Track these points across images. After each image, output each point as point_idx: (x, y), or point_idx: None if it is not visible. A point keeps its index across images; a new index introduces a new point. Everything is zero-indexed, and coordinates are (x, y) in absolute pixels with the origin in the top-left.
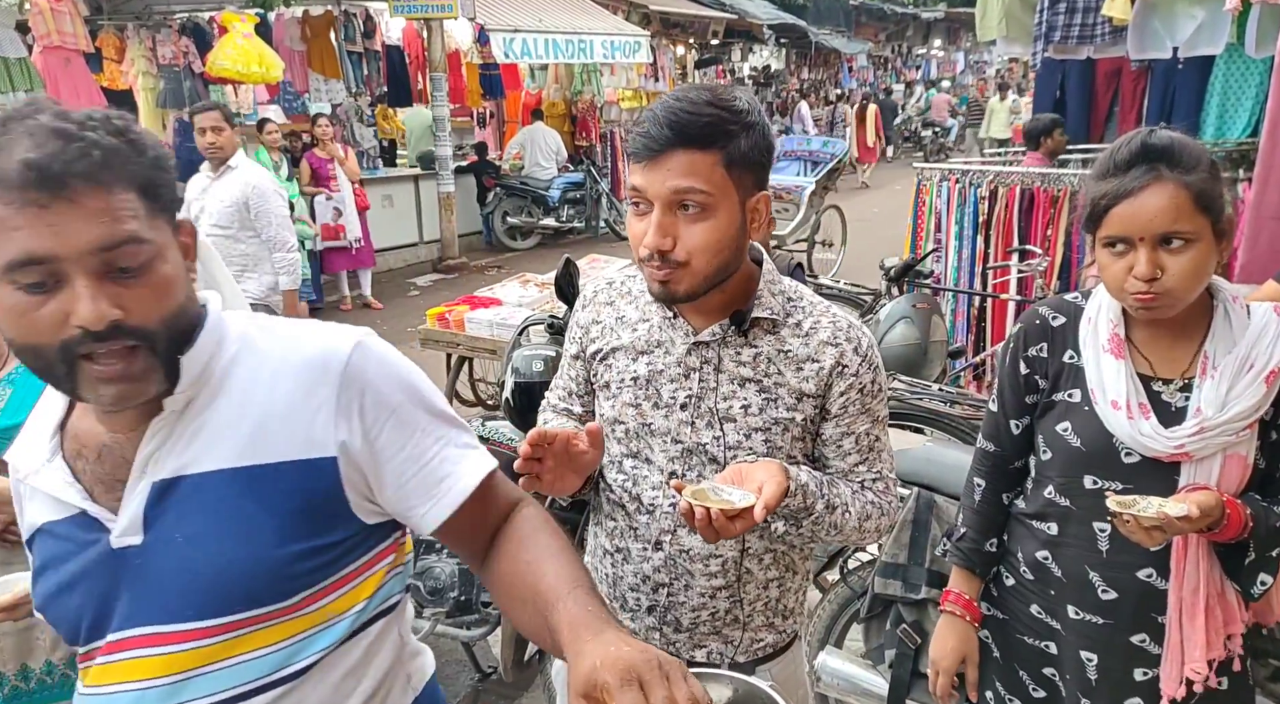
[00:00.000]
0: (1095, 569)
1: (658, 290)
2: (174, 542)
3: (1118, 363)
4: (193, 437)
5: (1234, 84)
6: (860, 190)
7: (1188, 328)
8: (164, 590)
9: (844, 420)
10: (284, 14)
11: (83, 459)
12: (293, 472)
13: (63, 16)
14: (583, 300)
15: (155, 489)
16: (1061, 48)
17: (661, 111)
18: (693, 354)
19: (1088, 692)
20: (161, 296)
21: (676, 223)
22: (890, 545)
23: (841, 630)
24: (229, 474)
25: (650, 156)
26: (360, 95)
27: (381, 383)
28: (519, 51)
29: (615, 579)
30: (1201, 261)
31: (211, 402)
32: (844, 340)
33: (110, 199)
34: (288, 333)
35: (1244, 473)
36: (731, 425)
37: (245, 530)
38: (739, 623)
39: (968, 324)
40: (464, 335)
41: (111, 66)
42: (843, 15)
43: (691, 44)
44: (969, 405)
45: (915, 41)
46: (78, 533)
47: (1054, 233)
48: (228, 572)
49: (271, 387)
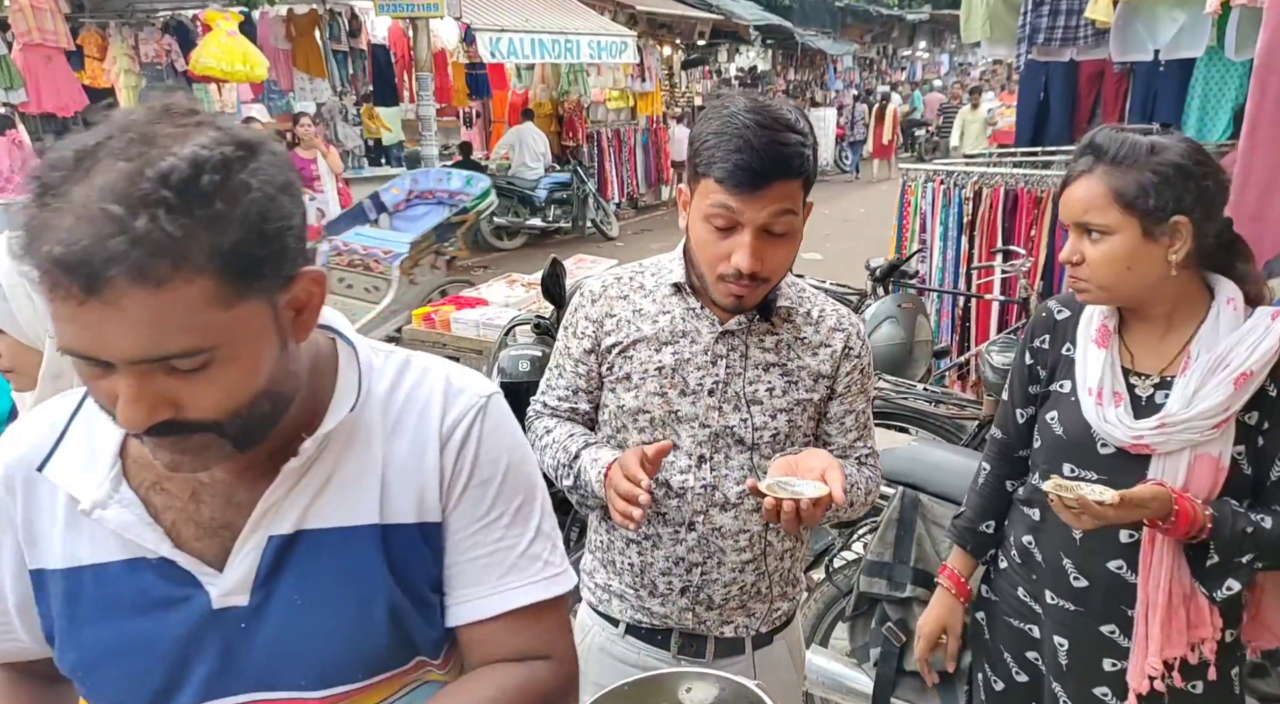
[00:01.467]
0: (1069, 556)
1: (731, 303)
2: (293, 605)
3: (1099, 352)
4: (320, 490)
5: (1214, 86)
6: (851, 190)
7: (1177, 325)
8: (275, 657)
9: (847, 399)
10: (268, 12)
11: (165, 494)
12: (416, 534)
13: (43, 13)
14: (590, 296)
15: (274, 545)
16: (1045, 50)
17: (758, 141)
18: (720, 342)
19: (1060, 676)
20: (230, 390)
21: (765, 246)
22: (875, 544)
23: (827, 629)
24: (360, 532)
25: (753, 189)
26: (345, 94)
27: (484, 452)
28: (505, 51)
29: (644, 567)
30: (1116, 255)
31: (343, 451)
32: (848, 325)
33: (158, 299)
34: (416, 374)
35: (1216, 474)
36: (758, 407)
37: (374, 594)
38: (761, 596)
39: (952, 324)
40: (450, 335)
41: (93, 64)
42: (828, 16)
43: (678, 44)
44: (954, 405)
45: (901, 43)
46: (155, 583)
47: (1038, 234)
48: (354, 639)
49: (396, 438)
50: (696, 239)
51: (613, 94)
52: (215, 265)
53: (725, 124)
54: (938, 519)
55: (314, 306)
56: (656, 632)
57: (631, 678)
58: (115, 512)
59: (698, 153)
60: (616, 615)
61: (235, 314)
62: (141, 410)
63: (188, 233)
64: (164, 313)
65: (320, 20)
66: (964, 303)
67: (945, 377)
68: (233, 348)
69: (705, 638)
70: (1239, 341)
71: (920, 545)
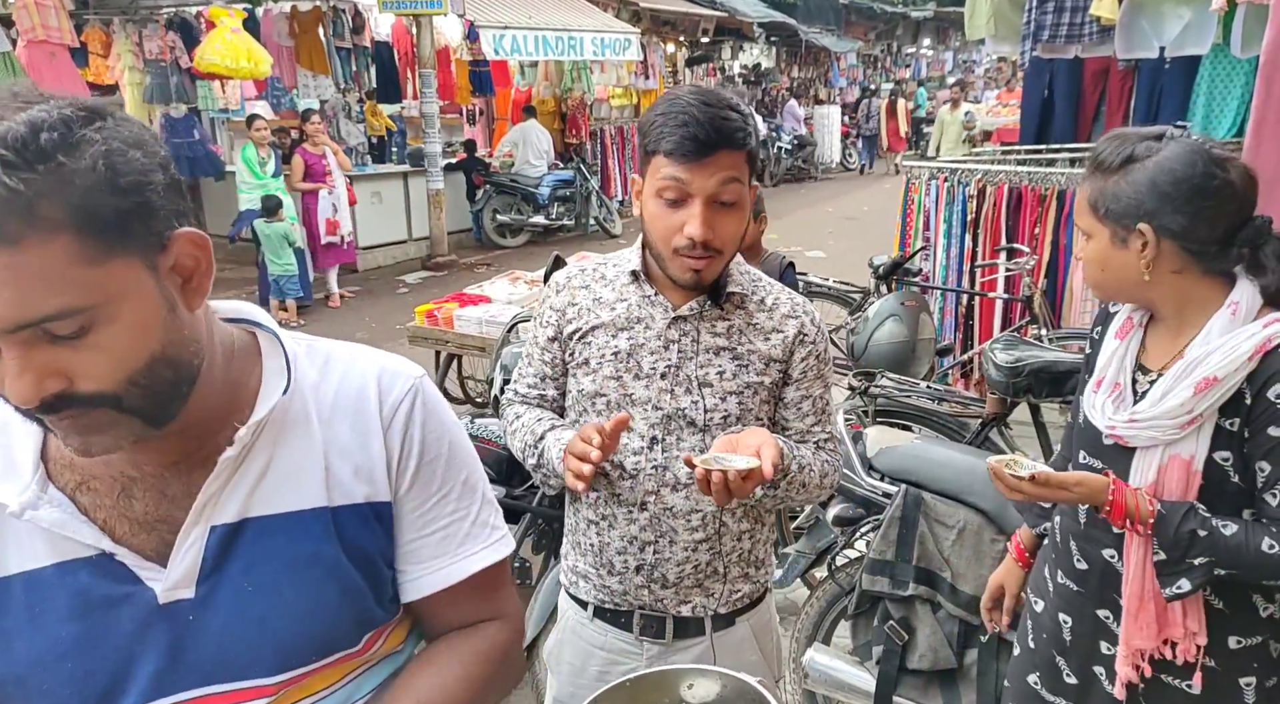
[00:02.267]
0: (1075, 539)
1: (690, 279)
2: (243, 592)
3: (1115, 342)
4: (260, 477)
5: (1220, 84)
6: (856, 188)
7: (1186, 327)
8: (226, 647)
9: (804, 384)
10: (272, 9)
11: (92, 494)
12: (368, 512)
13: (47, 10)
14: (555, 286)
15: (217, 535)
16: (1050, 47)
17: (702, 115)
18: (673, 327)
19: (1063, 651)
20: (121, 355)
21: (715, 216)
22: (878, 542)
23: (829, 627)
24: (306, 516)
25: (698, 156)
26: (349, 91)
27: (428, 432)
28: (509, 48)
29: (601, 546)
30: (1094, 257)
31: (278, 438)
32: (802, 313)
33: (20, 260)
34: (343, 363)
35: (1189, 477)
36: (709, 390)
37: (325, 576)
38: (719, 575)
39: (956, 322)
40: (453, 332)
41: (97, 61)
42: (832, 14)
43: (682, 42)
44: (957, 403)
45: (905, 40)
46: (93, 582)
47: (1042, 231)
48: (306, 622)
49: (333, 424)
50: (650, 216)
51: (616, 91)
52: (72, 221)
53: (671, 106)
54: (940, 517)
55: (202, 271)
56: (620, 613)
57: (633, 674)
58: (47, 511)
59: (646, 134)
60: (585, 597)
61: (107, 272)
62: (29, 382)
63: (34, 189)
64: (26, 273)
65: (324, 17)
66: (967, 301)
67: (949, 374)
68: (111, 308)
69: (664, 618)
70: (1218, 347)
71: (923, 544)
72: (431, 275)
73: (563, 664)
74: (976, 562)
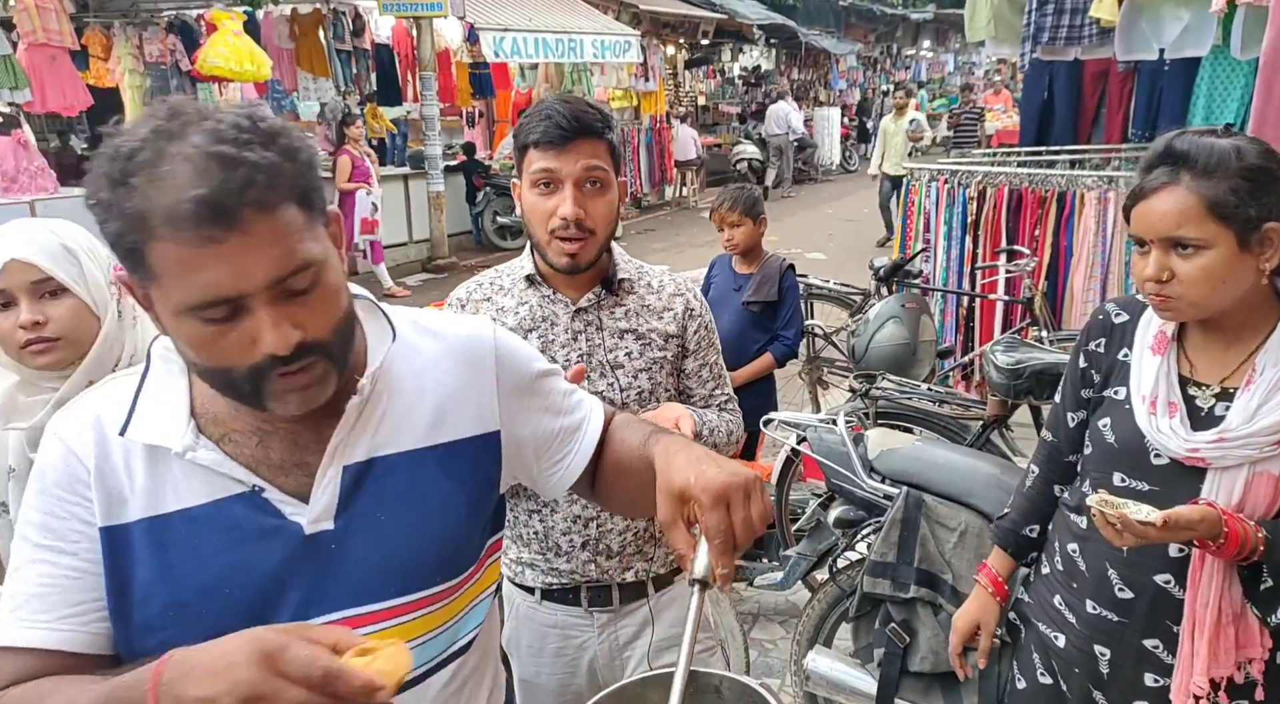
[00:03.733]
0: (1114, 567)
1: (566, 263)
2: (376, 521)
3: (1155, 359)
4: (379, 422)
5: (1220, 85)
6: (856, 190)
7: (1244, 335)
8: (363, 572)
9: (700, 354)
10: (272, 12)
11: (234, 444)
12: (472, 447)
13: (48, 13)
14: (458, 303)
15: (349, 474)
16: (1049, 49)
17: (561, 108)
18: (576, 319)
19: (1100, 684)
20: (333, 307)
21: (585, 197)
22: (879, 544)
23: (830, 630)
24: (421, 453)
25: (562, 143)
26: (349, 94)
27: (518, 361)
28: (509, 50)
29: (545, 531)
30: (1212, 269)
31: (390, 387)
32: (686, 290)
33: (278, 223)
34: (430, 321)
35: (1275, 492)
36: (621, 371)
37: (442, 505)
38: (654, 539)
39: (956, 324)
40: None
41: (98, 64)
42: (832, 16)
43: (682, 44)
44: (958, 405)
45: (905, 43)
46: (247, 516)
47: (1042, 233)
48: (427, 545)
49: (439, 370)
50: (528, 208)
51: (616, 93)
52: (295, 193)
53: (536, 109)
54: (942, 519)
55: (340, 242)
56: (567, 591)
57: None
58: (204, 453)
59: (518, 136)
60: (531, 583)
61: (316, 235)
62: (286, 330)
63: (279, 169)
64: (284, 234)
65: (324, 20)
66: (968, 303)
67: (949, 377)
68: (326, 265)
69: (609, 587)
70: None
71: (924, 546)
72: (432, 277)
73: (521, 647)
74: (978, 564)
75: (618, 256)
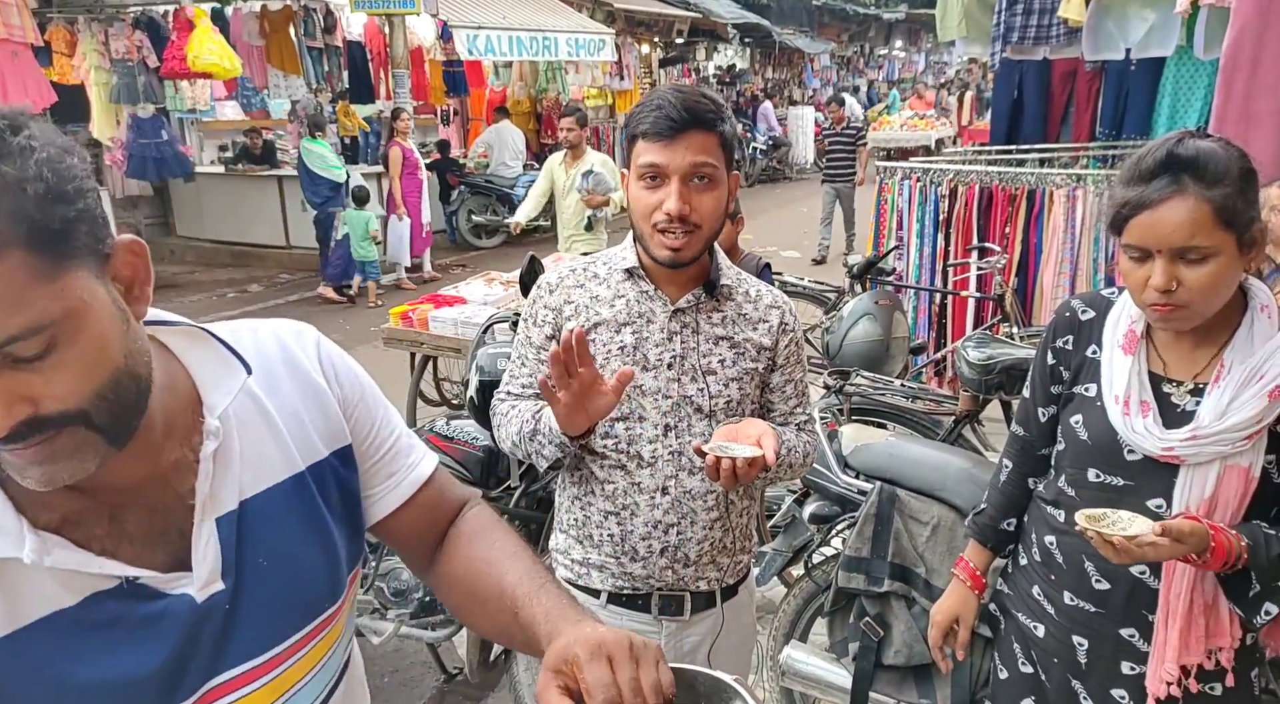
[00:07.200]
0: (1091, 559)
1: (667, 256)
2: (259, 568)
3: (1127, 358)
4: (239, 460)
5: (1184, 85)
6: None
7: (1212, 332)
8: (264, 620)
9: (787, 369)
10: (241, 8)
11: (81, 527)
12: (332, 465)
13: (9, 8)
14: (548, 287)
15: (224, 526)
16: (1019, 48)
17: (674, 98)
18: (674, 320)
19: (1078, 674)
20: (89, 368)
21: (691, 192)
22: (854, 539)
23: (806, 625)
24: (288, 483)
25: (671, 136)
26: (321, 91)
27: (345, 370)
28: (483, 48)
29: (624, 535)
30: (1221, 275)
31: (239, 420)
32: (782, 303)
33: None
34: (249, 336)
35: (1246, 486)
36: (713, 377)
37: (320, 531)
38: (727, 550)
39: (929, 320)
40: (428, 334)
41: (62, 60)
42: (806, 15)
43: (656, 42)
44: (930, 400)
45: (877, 42)
46: (122, 611)
47: (1012, 230)
48: (316, 575)
49: (277, 391)
50: (634, 200)
51: (591, 92)
52: (22, 233)
53: (649, 97)
54: (915, 514)
55: (142, 279)
56: (637, 596)
57: None
58: (60, 553)
59: (628, 125)
60: (597, 586)
61: (63, 287)
62: (2, 407)
63: None
64: None
65: (295, 16)
66: (940, 299)
67: (922, 373)
68: (72, 323)
69: (683, 596)
70: (1275, 352)
71: (898, 540)
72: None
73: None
74: (951, 558)
75: (719, 260)
